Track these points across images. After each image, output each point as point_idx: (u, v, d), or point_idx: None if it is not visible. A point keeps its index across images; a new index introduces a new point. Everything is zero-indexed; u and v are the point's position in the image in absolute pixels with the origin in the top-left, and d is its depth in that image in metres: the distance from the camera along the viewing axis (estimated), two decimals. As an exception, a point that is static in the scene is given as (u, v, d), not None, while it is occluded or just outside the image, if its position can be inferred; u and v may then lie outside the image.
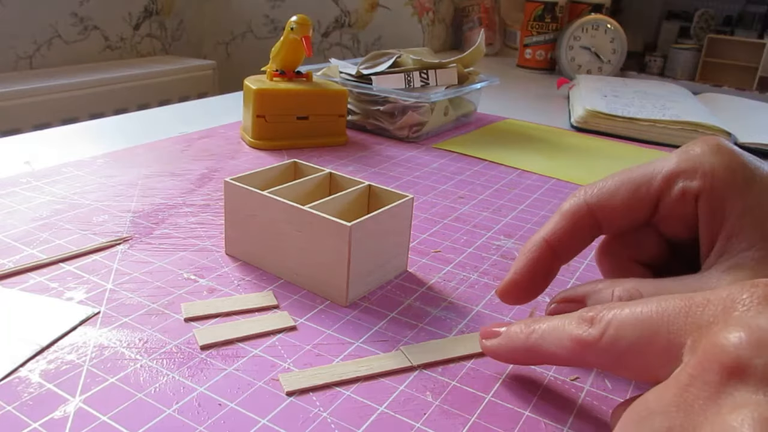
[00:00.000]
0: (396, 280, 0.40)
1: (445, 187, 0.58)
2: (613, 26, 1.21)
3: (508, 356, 0.29)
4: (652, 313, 0.22)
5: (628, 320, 0.23)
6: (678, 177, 0.29)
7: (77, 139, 0.65)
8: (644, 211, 0.30)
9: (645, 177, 0.30)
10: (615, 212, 0.31)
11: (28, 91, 1.29)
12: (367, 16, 1.57)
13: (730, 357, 0.18)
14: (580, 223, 0.31)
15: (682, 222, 0.30)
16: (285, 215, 0.37)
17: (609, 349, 0.23)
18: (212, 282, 0.38)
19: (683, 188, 0.29)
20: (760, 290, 0.20)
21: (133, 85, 1.50)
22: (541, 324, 0.27)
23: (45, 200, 0.48)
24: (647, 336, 0.22)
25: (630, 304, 0.23)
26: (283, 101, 0.65)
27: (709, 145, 0.29)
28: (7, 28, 1.43)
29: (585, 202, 0.31)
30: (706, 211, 0.28)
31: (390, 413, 0.28)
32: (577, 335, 0.25)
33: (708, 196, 0.28)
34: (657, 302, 0.22)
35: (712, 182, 0.28)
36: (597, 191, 0.31)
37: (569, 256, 0.32)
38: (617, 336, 0.23)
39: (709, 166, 0.28)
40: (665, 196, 0.29)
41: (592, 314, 0.24)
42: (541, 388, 0.30)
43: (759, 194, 0.28)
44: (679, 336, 0.21)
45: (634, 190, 0.30)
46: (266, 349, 0.32)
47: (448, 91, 0.73)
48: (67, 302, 0.35)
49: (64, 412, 0.27)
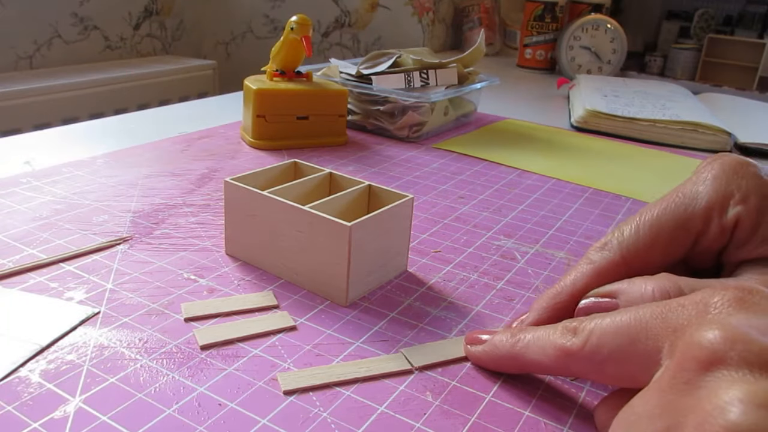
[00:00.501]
0: (396, 280, 0.40)
1: (445, 187, 0.58)
2: (613, 26, 1.21)
3: (492, 363, 0.30)
4: (631, 320, 0.23)
5: (609, 329, 0.24)
6: (713, 213, 0.29)
7: (77, 139, 0.65)
8: (682, 254, 0.30)
9: (680, 220, 0.29)
10: (653, 263, 0.30)
11: (28, 91, 1.29)
12: (367, 16, 1.57)
13: (706, 352, 0.18)
14: (614, 278, 0.30)
15: (715, 253, 0.30)
16: (285, 215, 0.37)
17: (591, 358, 0.24)
18: (212, 282, 0.38)
19: (720, 225, 0.29)
20: (730, 293, 0.20)
21: (133, 85, 1.50)
22: (526, 333, 0.28)
23: (45, 200, 0.48)
24: (627, 343, 0.23)
25: (611, 314, 0.24)
26: (283, 101, 0.65)
27: (732, 168, 0.29)
28: (7, 28, 1.43)
29: (621, 258, 0.30)
30: (740, 237, 0.29)
31: (390, 413, 0.28)
32: (560, 344, 0.25)
33: (745, 226, 0.28)
34: (635, 310, 0.23)
35: (747, 210, 0.28)
36: (633, 245, 0.30)
37: None
38: (599, 344, 0.24)
39: (740, 195, 0.28)
40: (703, 236, 0.29)
41: (575, 324, 0.25)
42: (541, 388, 0.30)
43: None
44: (657, 341, 0.22)
45: (672, 237, 0.29)
46: (266, 349, 0.32)
47: (448, 91, 0.73)
48: (67, 302, 0.35)
49: (64, 412, 0.27)
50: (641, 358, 0.22)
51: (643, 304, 0.23)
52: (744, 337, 0.18)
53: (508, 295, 0.39)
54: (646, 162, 0.71)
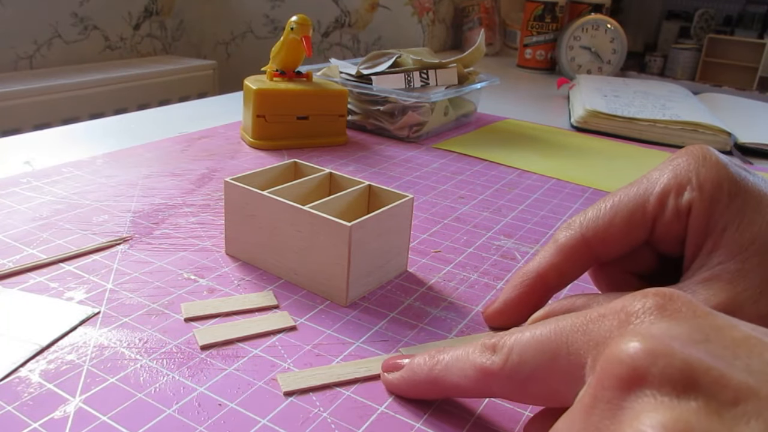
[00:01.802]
0: (396, 280, 0.40)
1: (445, 187, 0.58)
2: (613, 26, 1.21)
3: (410, 390, 0.28)
4: (551, 333, 0.21)
5: (529, 344, 0.22)
6: (668, 195, 0.29)
7: (77, 139, 0.65)
8: (641, 236, 0.30)
9: (637, 202, 0.30)
10: (612, 243, 0.30)
11: (28, 91, 1.29)
12: (367, 16, 1.57)
13: (626, 368, 0.17)
14: (576, 256, 0.31)
15: (677, 239, 0.30)
16: (285, 215, 0.37)
17: (512, 377, 0.22)
18: (212, 282, 0.38)
19: (675, 207, 0.29)
20: (650, 300, 0.19)
21: (133, 85, 1.50)
22: (444, 354, 0.26)
23: (45, 200, 0.48)
24: (548, 359, 0.21)
25: (531, 327, 0.22)
26: (283, 101, 0.65)
27: (695, 157, 0.29)
28: (7, 28, 1.43)
29: (582, 236, 0.31)
30: (694, 225, 0.28)
31: (390, 413, 0.28)
32: (480, 364, 0.24)
33: (697, 212, 0.28)
34: (555, 322, 0.22)
35: (701, 196, 0.28)
36: (593, 223, 0.30)
37: (562, 287, 0.32)
38: (520, 362, 0.22)
39: (697, 181, 0.28)
40: (660, 218, 0.29)
41: (494, 341, 0.24)
42: (541, 388, 0.30)
43: (742, 208, 0.28)
44: (579, 356, 0.20)
45: (629, 217, 0.30)
46: (266, 349, 0.32)
47: (448, 91, 0.73)
48: (67, 302, 0.35)
49: (64, 412, 0.27)
50: (564, 375, 0.21)
51: (563, 315, 0.22)
52: (666, 350, 0.17)
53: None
54: (646, 162, 0.71)
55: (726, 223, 0.27)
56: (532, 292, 0.32)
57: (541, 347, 0.21)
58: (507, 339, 0.23)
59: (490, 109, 0.91)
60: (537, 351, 0.22)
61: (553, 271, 0.31)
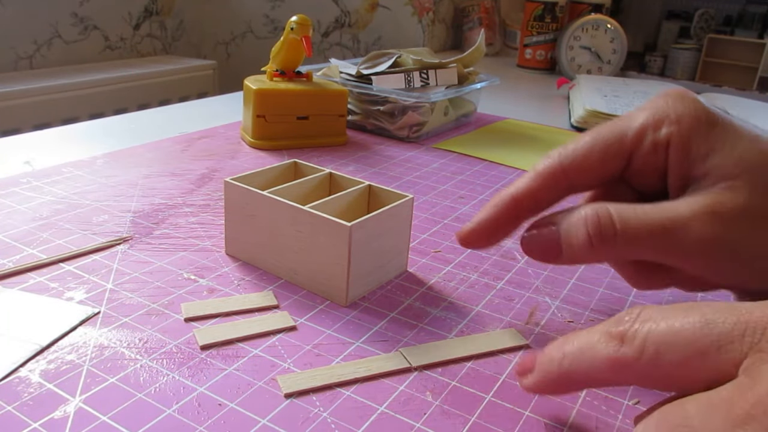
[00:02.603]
0: (396, 280, 0.40)
1: (445, 187, 0.58)
2: (613, 26, 1.21)
3: (550, 389, 0.27)
4: (696, 330, 0.20)
5: (669, 338, 0.21)
6: (647, 130, 0.30)
7: (77, 139, 0.65)
8: (617, 167, 0.31)
9: (616, 135, 0.31)
10: (588, 172, 0.31)
11: (28, 91, 1.29)
12: (367, 16, 1.57)
13: None
14: (553, 183, 0.31)
15: (655, 173, 0.30)
16: (285, 215, 0.37)
17: (651, 370, 0.22)
18: (212, 282, 0.38)
19: (653, 140, 0.30)
20: None
21: (133, 85, 1.50)
22: (569, 345, 0.25)
23: (45, 200, 0.48)
24: (695, 354, 0.20)
25: (666, 316, 0.22)
26: (283, 101, 0.65)
27: (672, 96, 0.30)
28: (7, 28, 1.43)
29: (560, 164, 0.31)
30: (675, 156, 0.29)
31: (390, 413, 0.28)
32: (612, 356, 0.22)
33: (677, 143, 0.29)
34: (701, 316, 0.21)
35: (679, 129, 0.29)
36: (571, 153, 0.31)
37: (536, 213, 0.32)
38: (657, 355, 0.21)
39: (675, 115, 0.29)
40: (637, 151, 0.30)
41: (621, 329, 0.22)
42: (541, 388, 0.30)
43: (722, 135, 0.29)
44: (733, 354, 0.20)
45: (607, 149, 0.31)
46: (266, 349, 0.32)
47: (448, 91, 0.73)
48: (67, 302, 0.35)
49: (64, 412, 0.27)
50: (711, 370, 0.20)
51: (709, 308, 0.21)
52: None
53: (508, 295, 0.39)
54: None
55: (708, 150, 0.28)
56: (506, 214, 0.32)
57: (684, 342, 0.21)
58: (639, 328, 0.22)
59: (490, 109, 0.91)
60: (680, 345, 0.21)
61: (528, 195, 0.32)
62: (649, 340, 0.22)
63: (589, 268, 0.44)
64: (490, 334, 0.35)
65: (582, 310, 0.38)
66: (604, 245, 0.28)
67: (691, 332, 0.21)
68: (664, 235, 0.27)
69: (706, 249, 0.27)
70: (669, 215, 0.28)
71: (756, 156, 0.28)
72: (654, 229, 0.28)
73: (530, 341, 0.34)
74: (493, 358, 0.33)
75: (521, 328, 0.36)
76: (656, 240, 0.28)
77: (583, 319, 0.37)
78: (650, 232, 0.28)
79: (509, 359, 0.33)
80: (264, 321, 0.34)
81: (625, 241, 0.28)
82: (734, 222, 0.27)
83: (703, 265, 0.28)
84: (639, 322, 0.22)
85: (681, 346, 0.21)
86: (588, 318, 0.37)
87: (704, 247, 0.27)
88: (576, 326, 0.36)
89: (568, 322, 0.37)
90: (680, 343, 0.21)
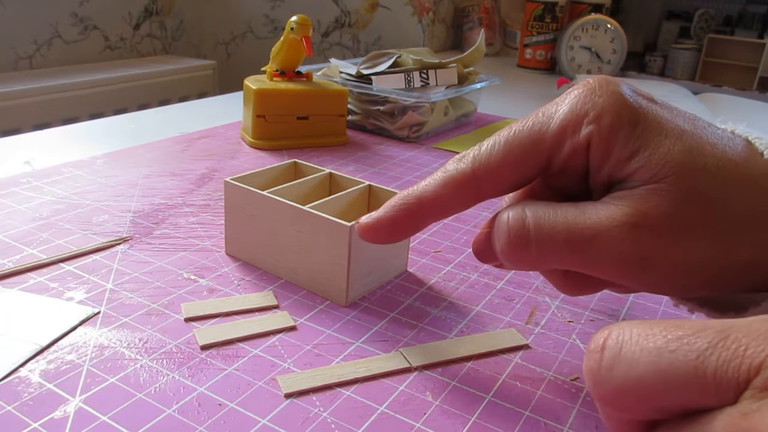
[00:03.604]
0: (396, 280, 0.40)
1: (445, 187, 0.58)
2: (613, 26, 1.21)
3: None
4: (687, 363, 0.16)
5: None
6: (566, 132, 0.27)
7: (77, 139, 0.65)
8: (533, 174, 0.29)
9: (532, 139, 0.28)
10: (502, 180, 0.29)
11: (28, 91, 1.29)
12: (367, 16, 1.57)
13: None
14: (462, 191, 0.29)
15: (575, 176, 0.28)
16: (285, 215, 0.37)
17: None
18: (212, 282, 0.38)
19: (573, 144, 0.27)
20: None
21: (133, 85, 1.50)
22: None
23: (45, 200, 0.48)
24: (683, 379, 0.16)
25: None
26: (283, 101, 0.65)
27: (590, 88, 0.28)
28: (7, 28, 1.43)
29: (472, 172, 0.29)
30: (596, 160, 0.27)
31: (390, 413, 0.28)
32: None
33: (597, 145, 0.27)
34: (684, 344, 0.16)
35: (599, 129, 0.26)
36: (485, 158, 0.29)
37: (441, 218, 0.31)
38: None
39: (593, 114, 0.27)
40: (556, 155, 0.28)
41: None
42: (541, 388, 0.30)
43: (644, 134, 0.26)
44: (727, 374, 0.16)
45: (522, 156, 0.28)
46: (266, 349, 0.32)
47: (448, 91, 0.73)
48: (67, 302, 0.35)
49: (64, 412, 0.27)
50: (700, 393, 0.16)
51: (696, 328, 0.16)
52: None
53: (508, 295, 0.39)
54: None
55: (631, 151, 0.26)
56: (408, 217, 0.30)
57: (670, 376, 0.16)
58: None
59: (490, 109, 0.91)
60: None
61: (435, 201, 0.30)
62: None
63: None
64: (490, 334, 0.35)
65: (582, 310, 0.38)
66: (521, 252, 0.27)
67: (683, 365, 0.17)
68: (581, 244, 0.25)
69: (626, 262, 0.25)
70: (588, 222, 0.26)
71: (681, 155, 0.25)
72: (571, 237, 0.26)
73: (530, 341, 0.34)
74: (493, 358, 0.33)
75: (521, 328, 0.36)
76: (572, 249, 0.26)
77: (583, 319, 0.37)
78: (566, 240, 0.26)
79: (509, 359, 0.33)
80: (264, 321, 0.34)
81: (538, 248, 0.26)
82: (656, 234, 0.25)
83: (623, 276, 0.26)
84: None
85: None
86: (588, 318, 0.37)
87: (623, 260, 0.25)
88: (576, 326, 0.36)
89: (568, 322, 0.37)
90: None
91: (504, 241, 0.27)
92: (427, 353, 0.32)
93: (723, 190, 0.25)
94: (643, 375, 0.16)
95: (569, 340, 0.35)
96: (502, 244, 0.27)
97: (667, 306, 0.39)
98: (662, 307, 0.39)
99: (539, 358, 0.33)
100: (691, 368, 0.15)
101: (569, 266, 0.27)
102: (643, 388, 0.16)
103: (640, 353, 0.16)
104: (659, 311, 0.38)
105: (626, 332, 0.17)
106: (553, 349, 0.34)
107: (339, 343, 0.33)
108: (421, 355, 0.32)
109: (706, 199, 0.25)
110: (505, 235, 0.27)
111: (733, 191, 0.25)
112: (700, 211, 0.25)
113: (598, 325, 0.36)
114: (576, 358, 0.33)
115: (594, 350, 0.17)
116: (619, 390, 0.17)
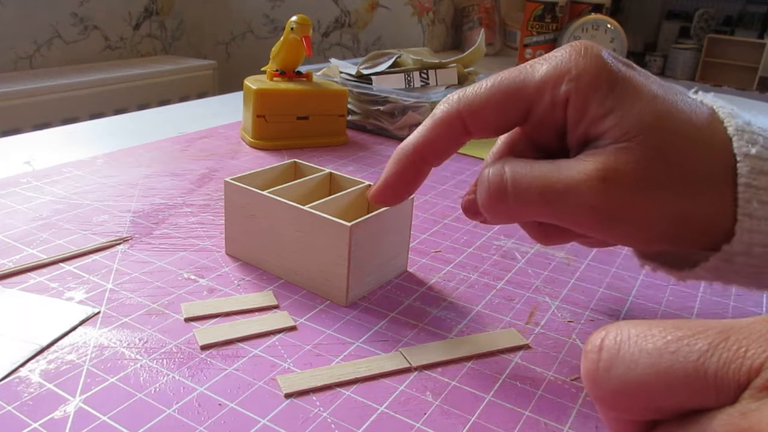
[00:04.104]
0: (396, 280, 0.40)
1: (445, 187, 0.58)
2: (613, 26, 1.21)
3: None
4: (683, 366, 0.16)
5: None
6: (547, 86, 0.29)
7: (77, 139, 0.65)
8: (515, 120, 0.30)
9: (517, 87, 0.30)
10: (485, 122, 0.31)
11: (28, 91, 1.29)
12: (367, 16, 1.57)
13: None
14: (451, 131, 0.31)
15: (553, 130, 0.30)
16: (285, 215, 0.37)
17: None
18: (212, 282, 0.38)
19: (552, 97, 0.29)
20: None
21: (133, 85, 1.50)
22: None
23: (45, 200, 0.48)
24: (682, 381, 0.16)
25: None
26: (283, 101, 0.65)
27: (575, 50, 0.29)
28: (7, 28, 1.43)
29: (457, 111, 0.31)
30: (573, 116, 0.28)
31: (390, 413, 0.28)
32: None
33: (574, 102, 0.28)
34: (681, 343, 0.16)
35: (577, 87, 0.28)
36: (469, 100, 0.31)
37: (440, 160, 0.32)
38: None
39: (575, 72, 0.28)
40: (536, 106, 0.29)
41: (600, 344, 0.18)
42: (541, 388, 0.30)
43: (621, 95, 0.28)
44: (728, 375, 0.15)
45: (506, 100, 0.30)
46: (266, 349, 0.32)
47: (448, 91, 0.73)
48: (67, 302, 0.35)
49: (64, 412, 0.27)
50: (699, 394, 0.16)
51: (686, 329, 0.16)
52: None
53: (508, 295, 0.39)
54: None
55: (607, 110, 0.28)
56: (410, 167, 0.32)
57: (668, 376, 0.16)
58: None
59: (490, 109, 0.91)
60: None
61: (429, 146, 0.32)
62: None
63: (590, 267, 0.44)
64: (490, 334, 0.35)
65: (582, 310, 0.38)
66: (500, 204, 0.29)
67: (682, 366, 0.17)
68: (554, 197, 0.27)
69: (595, 214, 0.27)
70: (561, 177, 0.27)
71: (651, 118, 0.27)
72: (545, 191, 0.28)
73: (530, 341, 0.34)
74: (493, 358, 0.33)
75: (521, 328, 0.36)
76: (546, 201, 0.28)
77: (583, 319, 0.37)
78: (541, 193, 0.28)
79: (509, 359, 0.33)
80: (264, 321, 0.34)
81: (515, 201, 0.28)
82: (623, 188, 0.27)
83: (593, 227, 0.28)
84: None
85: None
86: (588, 318, 0.37)
87: (593, 212, 0.27)
88: (576, 326, 0.36)
89: (568, 322, 0.37)
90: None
91: (485, 194, 0.29)
92: (427, 353, 0.32)
93: (685, 152, 0.27)
94: (643, 376, 0.16)
95: (569, 340, 0.35)
96: (483, 197, 0.30)
97: (668, 306, 0.39)
98: (662, 307, 0.39)
99: (539, 358, 0.33)
100: (691, 370, 0.15)
101: (544, 218, 0.29)
102: (642, 389, 0.16)
103: (639, 354, 0.16)
104: (659, 311, 0.38)
105: (624, 333, 0.17)
106: (553, 349, 0.34)
107: (339, 343, 0.33)
108: (421, 355, 0.32)
109: (670, 158, 0.27)
110: (486, 188, 0.29)
111: (694, 154, 0.27)
112: (664, 169, 0.27)
113: (598, 325, 0.36)
114: (576, 358, 0.33)
115: (591, 351, 0.17)
116: (617, 391, 0.17)
